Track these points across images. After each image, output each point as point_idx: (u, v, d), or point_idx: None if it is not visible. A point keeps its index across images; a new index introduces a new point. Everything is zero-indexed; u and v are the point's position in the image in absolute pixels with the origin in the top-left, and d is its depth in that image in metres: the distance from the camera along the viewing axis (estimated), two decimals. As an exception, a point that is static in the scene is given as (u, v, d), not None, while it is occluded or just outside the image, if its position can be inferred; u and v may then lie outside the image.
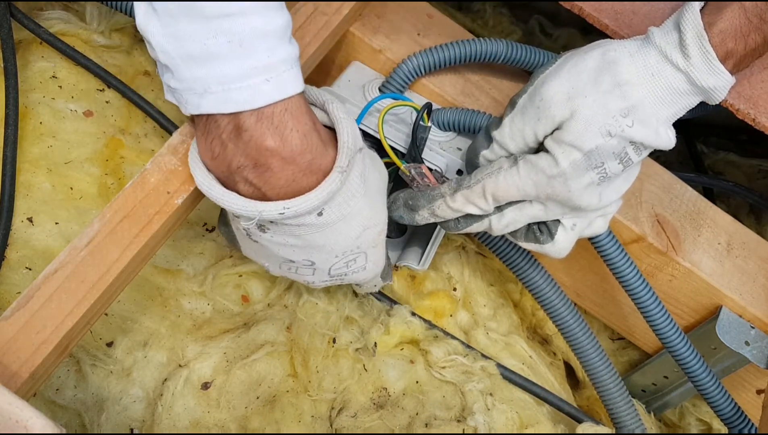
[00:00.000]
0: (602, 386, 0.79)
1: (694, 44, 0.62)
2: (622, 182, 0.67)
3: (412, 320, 0.81)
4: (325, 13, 0.77)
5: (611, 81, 0.63)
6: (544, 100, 0.65)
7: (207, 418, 0.69)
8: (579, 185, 0.65)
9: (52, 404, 0.67)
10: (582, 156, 0.63)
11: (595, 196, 0.66)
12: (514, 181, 0.66)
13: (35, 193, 0.77)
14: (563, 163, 0.64)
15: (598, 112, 0.63)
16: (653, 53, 0.63)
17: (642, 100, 0.63)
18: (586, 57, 0.65)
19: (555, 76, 0.65)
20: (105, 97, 0.86)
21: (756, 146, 1.27)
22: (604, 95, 0.63)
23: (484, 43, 0.79)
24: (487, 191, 0.68)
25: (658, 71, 0.63)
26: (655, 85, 0.63)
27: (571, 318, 0.78)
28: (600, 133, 0.63)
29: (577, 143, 0.63)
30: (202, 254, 0.80)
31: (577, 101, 0.63)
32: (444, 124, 0.78)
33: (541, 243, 0.70)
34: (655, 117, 0.63)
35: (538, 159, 0.65)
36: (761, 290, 0.84)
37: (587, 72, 0.64)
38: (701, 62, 0.62)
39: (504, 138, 0.68)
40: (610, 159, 0.64)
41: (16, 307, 0.55)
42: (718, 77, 0.63)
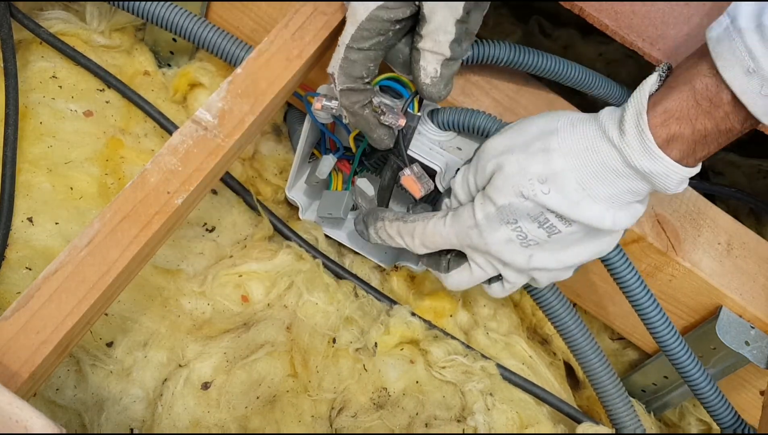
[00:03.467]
0: (601, 387, 0.79)
1: (632, 121, 0.60)
2: (570, 255, 0.66)
3: (412, 320, 0.81)
4: (325, 13, 0.77)
5: (541, 146, 0.63)
6: (484, 151, 0.67)
7: (207, 418, 0.69)
8: (495, 239, 0.66)
9: (52, 404, 0.67)
10: (495, 209, 0.64)
11: (520, 255, 0.66)
12: (440, 229, 0.69)
13: (35, 193, 0.77)
14: (478, 215, 0.66)
15: (516, 171, 0.63)
16: (593, 127, 0.62)
17: (565, 170, 0.61)
18: (533, 122, 0.65)
19: (501, 134, 0.67)
20: (105, 97, 0.86)
21: (756, 146, 1.26)
22: (528, 157, 0.63)
23: (486, 45, 0.79)
24: (415, 234, 0.71)
25: (593, 145, 0.61)
26: (588, 160, 0.61)
27: (570, 319, 0.78)
28: (514, 192, 0.63)
29: (492, 196, 0.64)
30: (202, 254, 0.80)
31: (504, 157, 0.64)
32: (444, 123, 0.78)
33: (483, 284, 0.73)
34: (587, 191, 0.61)
35: (463, 210, 0.67)
36: (761, 290, 0.84)
37: (526, 135, 0.65)
38: (636, 142, 0.59)
39: (455, 185, 0.71)
40: (525, 220, 0.64)
41: (16, 307, 0.55)
42: (654, 161, 0.59)
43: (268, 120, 0.81)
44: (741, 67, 0.56)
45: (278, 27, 0.75)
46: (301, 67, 0.73)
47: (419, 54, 0.69)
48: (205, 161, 0.65)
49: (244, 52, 0.80)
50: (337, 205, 0.81)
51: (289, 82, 0.72)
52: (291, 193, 0.86)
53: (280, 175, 0.91)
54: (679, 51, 0.78)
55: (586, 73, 0.82)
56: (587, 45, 1.30)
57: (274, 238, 0.84)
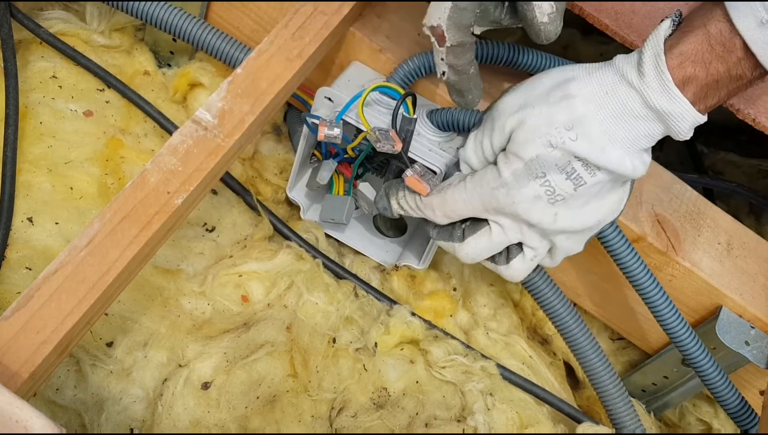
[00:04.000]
0: (601, 386, 0.79)
1: (650, 63, 0.61)
2: (587, 213, 0.66)
3: (412, 320, 0.81)
4: (325, 13, 0.77)
5: (561, 94, 0.63)
6: (498, 111, 0.66)
7: (207, 418, 0.69)
8: (523, 197, 0.65)
9: (52, 404, 0.67)
10: (523, 165, 0.64)
11: (547, 213, 0.65)
12: (460, 195, 0.67)
13: (35, 193, 0.77)
14: (505, 173, 0.64)
15: (542, 122, 0.63)
16: (610, 72, 0.63)
17: (588, 115, 0.62)
18: (546, 75, 0.65)
19: (513, 91, 0.67)
20: (105, 97, 0.86)
21: (756, 146, 1.27)
22: (550, 106, 0.63)
23: (486, 46, 0.79)
24: (435, 206, 0.69)
25: (613, 89, 0.62)
26: (609, 103, 0.62)
27: (570, 318, 0.78)
28: (541, 142, 0.63)
29: (519, 152, 0.64)
30: (202, 254, 0.80)
31: (525, 111, 0.64)
32: (443, 124, 0.78)
33: (497, 264, 0.72)
34: (607, 136, 0.62)
35: (484, 172, 0.66)
36: (761, 290, 0.84)
37: (542, 87, 0.65)
38: (655, 82, 0.60)
39: (467, 153, 0.69)
40: (553, 171, 0.63)
41: (16, 307, 0.55)
42: (673, 101, 0.61)
43: (268, 120, 0.81)
44: (754, 17, 0.57)
45: (278, 27, 0.75)
46: (301, 67, 0.73)
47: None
48: (205, 161, 0.65)
49: (243, 54, 0.80)
50: (339, 211, 0.81)
51: (289, 82, 0.72)
52: (292, 194, 0.86)
53: (280, 175, 0.91)
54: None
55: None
56: (587, 45, 1.30)
57: (274, 238, 0.84)
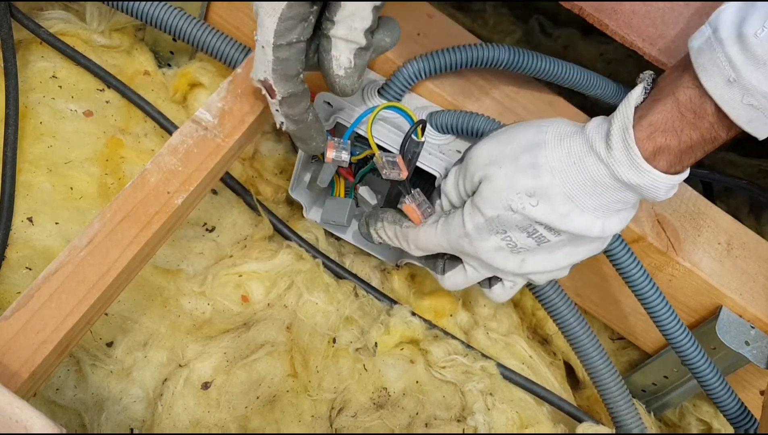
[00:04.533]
0: (603, 385, 0.79)
1: (618, 136, 0.60)
2: (561, 256, 0.67)
3: (412, 320, 0.81)
4: (325, 13, 0.77)
5: (528, 160, 0.63)
6: (472, 158, 0.67)
7: (207, 418, 0.69)
8: (484, 248, 0.67)
9: (52, 404, 0.67)
10: (484, 221, 0.65)
11: (511, 261, 0.67)
12: (431, 236, 0.70)
13: (35, 193, 0.77)
14: (468, 225, 0.66)
15: (505, 185, 0.63)
16: (580, 141, 0.62)
17: (552, 185, 0.62)
18: (522, 132, 0.65)
19: (489, 140, 0.67)
20: (105, 97, 0.86)
21: (756, 146, 1.26)
22: (516, 171, 0.63)
23: (487, 48, 0.78)
24: (410, 240, 0.73)
25: (580, 160, 0.61)
26: (576, 173, 0.61)
27: (572, 317, 0.78)
28: (502, 205, 0.64)
29: (481, 207, 0.65)
30: (202, 254, 0.80)
31: (492, 168, 0.65)
32: (442, 127, 0.78)
33: (480, 286, 0.75)
34: (575, 203, 0.62)
35: (452, 218, 0.69)
36: (761, 290, 0.84)
37: (513, 145, 0.65)
38: (623, 156, 0.60)
39: (447, 187, 0.71)
40: (514, 230, 0.65)
41: (16, 307, 0.55)
42: (641, 174, 0.59)
43: (268, 120, 0.81)
44: (722, 77, 0.56)
45: (278, 27, 0.75)
46: (301, 67, 0.73)
47: (330, 42, 0.63)
48: (205, 161, 0.65)
49: (242, 54, 0.80)
50: (341, 213, 0.81)
51: (289, 82, 0.72)
52: (294, 194, 0.86)
53: (280, 175, 0.91)
54: (679, 51, 0.78)
55: (586, 75, 0.82)
56: (587, 45, 1.30)
57: (274, 238, 0.84)
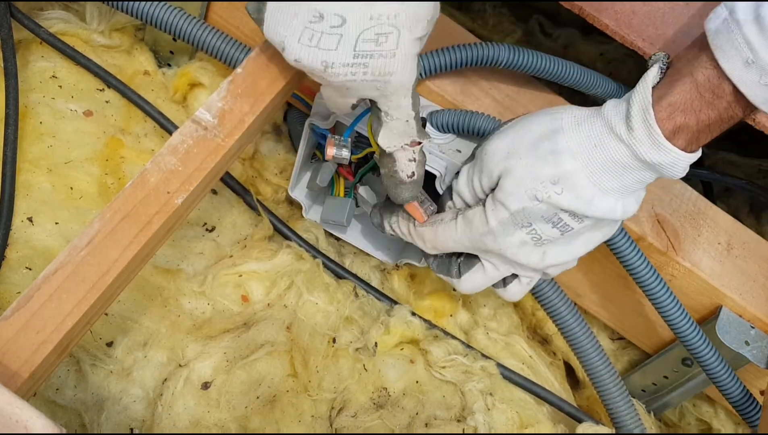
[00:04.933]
0: (602, 386, 0.79)
1: (639, 117, 0.60)
2: (578, 246, 0.67)
3: (412, 320, 0.81)
4: (325, 13, 0.77)
5: (548, 148, 0.63)
6: (488, 154, 0.67)
7: (207, 418, 0.69)
8: (509, 244, 0.66)
9: (52, 404, 0.67)
10: (509, 215, 0.65)
11: (535, 255, 0.67)
12: (451, 234, 0.69)
13: (35, 193, 0.77)
14: (492, 222, 0.66)
15: (528, 175, 0.63)
16: (599, 124, 0.62)
17: (576, 170, 0.62)
18: (535, 121, 0.65)
19: (503, 134, 0.67)
20: (105, 97, 0.86)
21: (756, 146, 1.27)
22: (537, 160, 0.63)
23: (487, 47, 0.78)
24: (426, 238, 0.71)
25: (601, 142, 0.62)
26: (597, 156, 0.62)
27: (571, 317, 0.78)
28: (527, 196, 0.64)
29: (505, 202, 0.65)
30: (202, 254, 0.80)
31: (512, 161, 0.64)
32: (443, 126, 0.78)
33: (495, 287, 0.74)
34: (597, 187, 0.62)
35: (473, 215, 0.68)
36: (761, 290, 0.84)
37: (530, 135, 0.65)
38: (644, 136, 0.60)
39: (460, 186, 0.70)
40: (539, 222, 0.64)
41: (16, 307, 0.55)
42: (663, 153, 0.60)
43: (268, 120, 0.81)
44: (740, 58, 0.57)
45: (278, 27, 0.75)
46: (301, 67, 0.73)
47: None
48: (205, 161, 0.65)
49: (243, 54, 0.80)
50: (341, 212, 0.81)
51: (289, 82, 0.72)
52: (294, 194, 0.86)
53: (280, 175, 0.91)
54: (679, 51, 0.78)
55: (586, 74, 0.82)
56: (588, 44, 1.30)
57: (274, 238, 0.84)
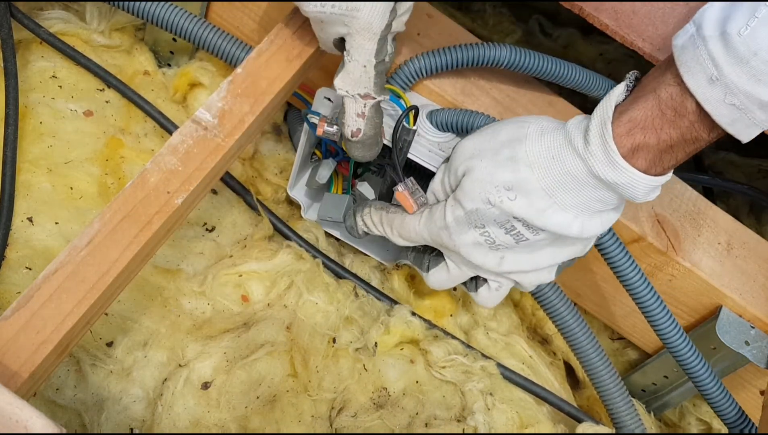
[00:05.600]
0: (602, 386, 0.79)
1: (596, 131, 0.59)
2: (543, 256, 0.67)
3: (412, 320, 0.81)
4: (325, 12, 0.77)
5: (508, 154, 0.63)
6: (456, 153, 0.68)
7: (207, 418, 0.69)
8: (463, 242, 0.67)
9: (52, 404, 0.67)
10: (464, 214, 0.66)
11: (490, 258, 0.68)
12: (414, 226, 0.71)
13: (35, 193, 0.77)
14: (448, 217, 0.67)
15: (485, 178, 0.64)
16: (560, 136, 0.62)
17: (530, 179, 0.62)
18: (505, 127, 0.66)
19: (474, 136, 0.68)
20: (105, 97, 0.86)
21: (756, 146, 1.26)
22: (496, 164, 0.63)
23: (487, 48, 0.78)
24: (394, 226, 0.73)
25: (559, 155, 0.61)
26: (554, 169, 0.61)
27: (571, 317, 0.78)
28: (481, 198, 0.64)
29: (462, 200, 0.66)
30: (202, 254, 0.80)
31: (474, 162, 0.65)
32: (442, 124, 0.78)
33: (468, 290, 0.76)
34: (553, 199, 0.62)
35: (436, 209, 0.69)
36: (761, 290, 0.84)
37: (496, 140, 0.65)
38: (600, 151, 0.59)
39: (435, 184, 0.72)
40: (492, 225, 0.65)
41: (16, 307, 0.55)
42: (618, 172, 0.59)
43: (268, 120, 0.81)
44: (704, 74, 0.56)
45: (278, 27, 0.75)
46: (301, 67, 0.73)
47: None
48: (205, 161, 0.65)
49: (244, 52, 0.80)
50: (338, 209, 0.81)
51: (289, 82, 0.72)
52: (293, 193, 0.86)
53: (280, 175, 0.91)
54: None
55: (586, 75, 0.82)
56: (587, 44, 1.30)
57: (274, 238, 0.84)
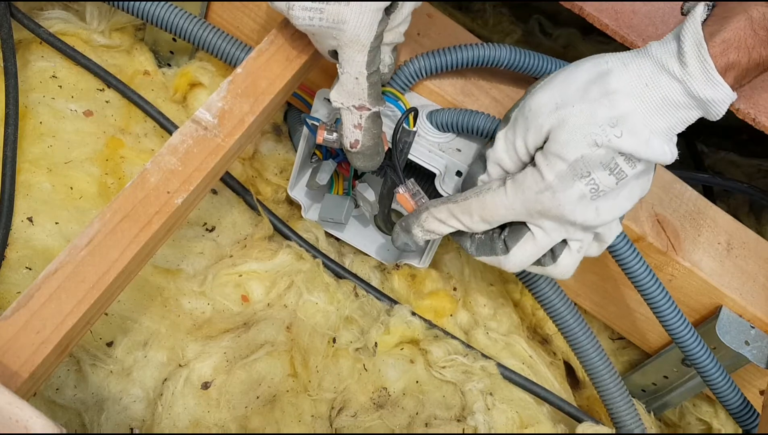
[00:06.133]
0: (602, 385, 0.79)
1: (692, 53, 0.60)
2: (623, 199, 0.65)
3: (412, 320, 0.81)
4: (325, 12, 0.77)
5: (600, 90, 0.62)
6: (533, 110, 0.64)
7: (207, 418, 0.69)
8: (569, 198, 0.63)
9: (52, 404, 0.67)
10: (567, 166, 0.62)
11: (590, 210, 0.64)
12: (501, 200, 0.65)
13: (35, 193, 0.77)
14: (549, 176, 0.62)
15: (584, 121, 0.61)
16: (648, 63, 0.61)
17: (632, 110, 0.61)
18: (578, 69, 0.64)
19: (546, 88, 0.65)
20: (105, 97, 0.86)
21: (756, 146, 1.27)
22: (591, 104, 0.61)
23: (487, 48, 0.78)
24: (473, 211, 0.67)
25: (653, 81, 0.61)
26: (650, 95, 0.61)
27: (571, 317, 0.78)
28: (586, 142, 0.61)
29: (562, 153, 0.62)
30: (202, 254, 0.80)
31: (565, 110, 0.62)
32: (443, 125, 0.78)
33: (544, 265, 0.69)
34: (648, 128, 0.61)
35: (524, 176, 0.64)
36: (761, 290, 0.84)
37: (577, 83, 0.63)
38: (699, 72, 0.60)
39: (498, 153, 0.67)
40: (598, 169, 0.62)
41: (16, 307, 0.55)
42: (716, 89, 0.60)
43: (268, 120, 0.81)
44: None
45: (278, 27, 0.75)
46: (301, 67, 0.73)
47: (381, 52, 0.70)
48: (205, 161, 0.65)
49: (243, 53, 0.80)
50: (339, 210, 0.81)
51: (289, 82, 0.72)
52: (293, 193, 0.86)
53: (280, 175, 0.91)
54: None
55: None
56: (587, 44, 1.30)
57: (274, 238, 0.84)
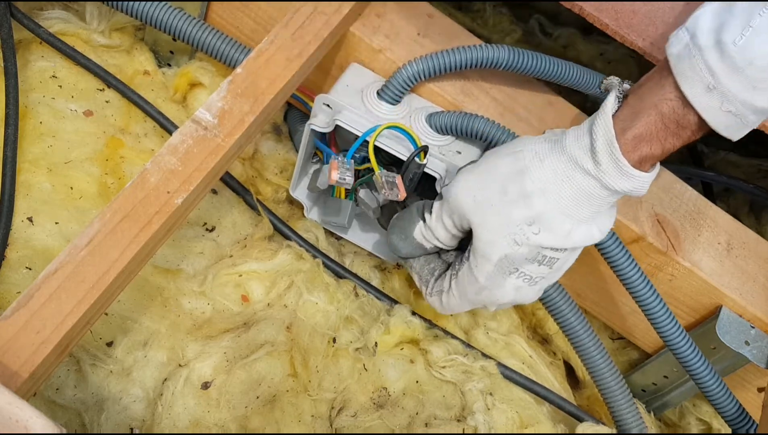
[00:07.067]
0: (604, 384, 0.79)
1: (604, 151, 0.61)
2: (565, 268, 0.68)
3: (412, 320, 0.81)
4: (324, 12, 0.77)
5: (517, 190, 0.64)
6: (457, 200, 0.67)
7: (207, 418, 0.69)
8: (505, 293, 0.67)
9: (52, 404, 0.67)
10: (494, 266, 0.65)
11: (533, 292, 0.69)
12: (455, 301, 0.71)
13: (35, 192, 0.77)
14: (480, 278, 0.67)
15: (503, 222, 0.64)
16: (563, 159, 0.63)
17: (548, 209, 0.63)
18: (498, 163, 0.66)
19: (468, 176, 0.67)
20: (105, 97, 0.86)
21: (756, 146, 1.27)
22: (508, 206, 0.64)
23: (486, 49, 0.78)
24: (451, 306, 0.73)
25: (568, 177, 0.63)
26: (567, 191, 0.63)
27: (573, 316, 0.78)
28: (506, 242, 0.64)
29: (486, 253, 0.65)
30: (202, 254, 0.80)
31: (483, 211, 0.65)
32: (442, 128, 0.78)
33: None
34: (571, 219, 0.63)
35: (462, 276, 0.69)
36: (761, 290, 0.84)
37: (497, 181, 0.65)
38: (612, 168, 0.61)
39: (432, 223, 0.71)
40: (525, 264, 0.65)
41: (16, 307, 0.55)
42: (632, 180, 0.62)
43: (268, 120, 0.81)
44: (702, 84, 0.58)
45: (278, 27, 0.75)
46: (301, 67, 0.73)
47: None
48: (205, 161, 0.65)
49: (242, 54, 0.80)
50: (341, 214, 0.81)
51: (289, 82, 0.72)
52: (296, 194, 0.86)
53: (281, 175, 0.91)
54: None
55: (585, 74, 0.82)
56: (587, 44, 1.30)
57: (274, 238, 0.84)
